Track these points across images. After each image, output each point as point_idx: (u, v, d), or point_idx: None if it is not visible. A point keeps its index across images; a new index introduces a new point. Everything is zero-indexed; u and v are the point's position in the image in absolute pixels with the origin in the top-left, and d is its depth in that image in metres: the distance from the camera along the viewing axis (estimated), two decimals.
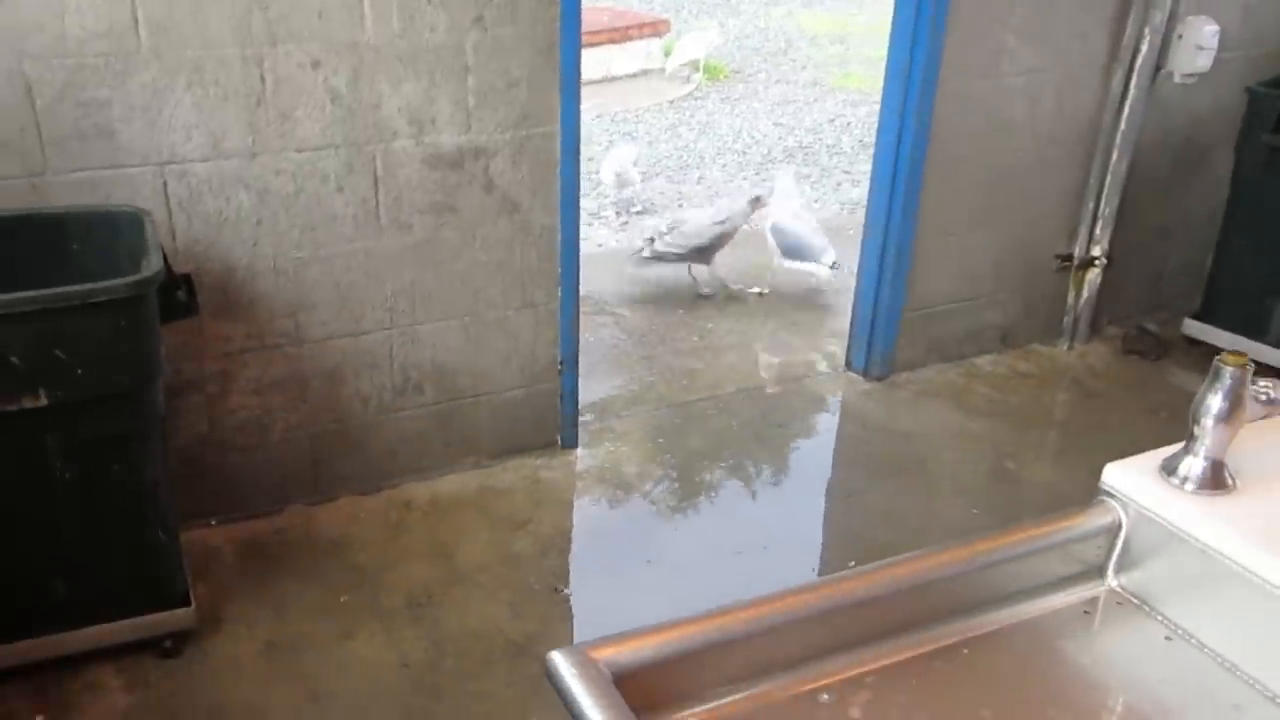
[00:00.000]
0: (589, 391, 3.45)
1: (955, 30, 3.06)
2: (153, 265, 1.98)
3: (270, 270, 2.55)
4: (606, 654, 0.87)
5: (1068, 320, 3.78)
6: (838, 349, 3.77)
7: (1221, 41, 3.35)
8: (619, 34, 7.66)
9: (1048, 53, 3.23)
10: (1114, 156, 3.46)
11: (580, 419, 3.26)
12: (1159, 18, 3.25)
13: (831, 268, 4.15)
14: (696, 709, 0.92)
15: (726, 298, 4.29)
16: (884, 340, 3.54)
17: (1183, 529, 1.04)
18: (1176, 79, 3.37)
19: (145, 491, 2.13)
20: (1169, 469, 1.08)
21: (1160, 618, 1.08)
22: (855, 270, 3.59)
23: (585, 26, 7.56)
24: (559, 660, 0.85)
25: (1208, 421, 1.04)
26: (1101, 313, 3.83)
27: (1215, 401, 1.03)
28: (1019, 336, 3.78)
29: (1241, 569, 0.99)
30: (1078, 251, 3.65)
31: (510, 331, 2.92)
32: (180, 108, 2.27)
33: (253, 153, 2.38)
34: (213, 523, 2.76)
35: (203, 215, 2.40)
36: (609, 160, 5.37)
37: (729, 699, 0.93)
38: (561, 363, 3.03)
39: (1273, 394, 1.05)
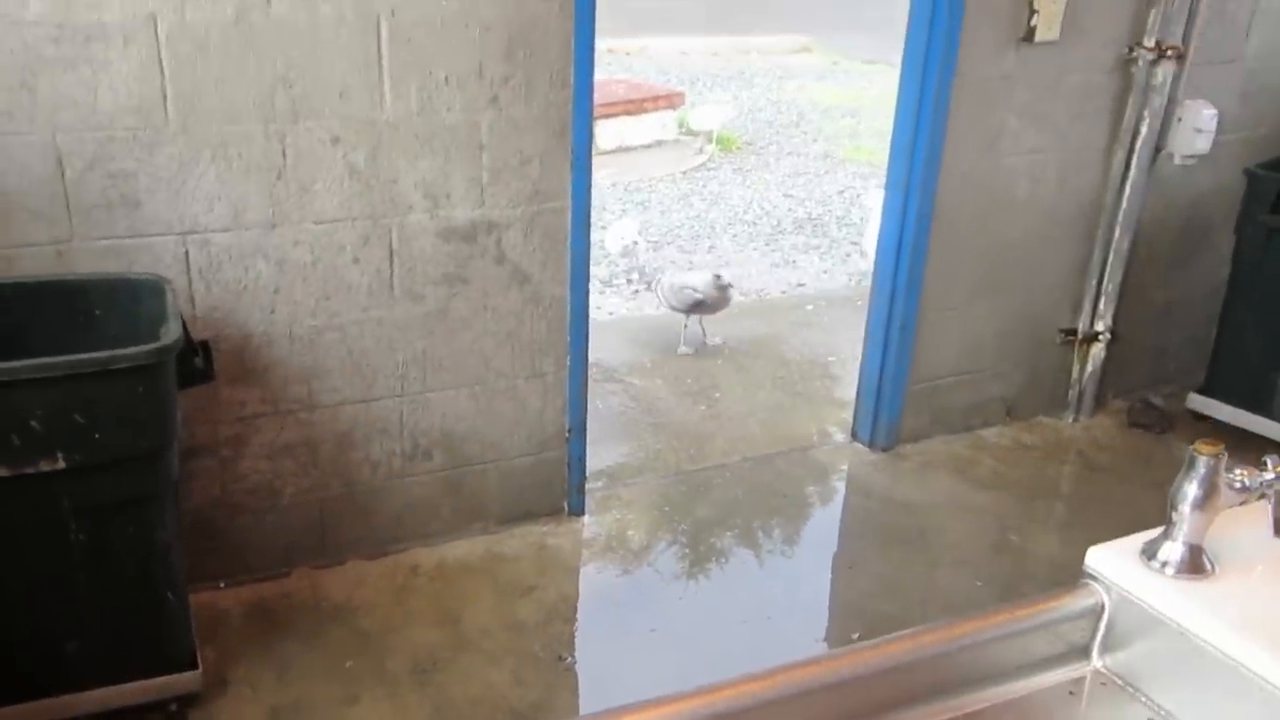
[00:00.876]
0: (597, 459, 3.49)
1: (958, 110, 3.14)
2: (172, 333, 2.04)
3: (286, 338, 2.61)
4: None
5: (1072, 393, 3.81)
6: (844, 419, 3.80)
7: (1220, 124, 3.43)
8: (634, 105, 7.83)
9: (1049, 134, 3.31)
10: (1116, 234, 3.52)
11: (588, 486, 3.29)
12: (1158, 101, 3.33)
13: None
14: None
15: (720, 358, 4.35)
16: (889, 411, 3.58)
17: (1163, 613, 1.07)
18: (1176, 160, 3.44)
19: (157, 554, 2.17)
20: (1149, 553, 1.11)
21: (1144, 699, 1.10)
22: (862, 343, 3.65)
23: (602, 98, 7.75)
24: None
25: (1185, 508, 1.07)
26: (1106, 386, 3.86)
27: (1191, 489, 1.07)
28: (1024, 409, 3.81)
29: (1220, 653, 1.02)
30: (1082, 326, 3.69)
31: (519, 400, 2.97)
32: (204, 180, 2.35)
33: (272, 224, 2.46)
34: (221, 585, 2.79)
35: (222, 283, 2.47)
36: (614, 231, 5.47)
37: None
38: (569, 431, 3.07)
39: (1247, 482, 1.08)
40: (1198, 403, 3.80)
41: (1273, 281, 3.48)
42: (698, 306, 4.36)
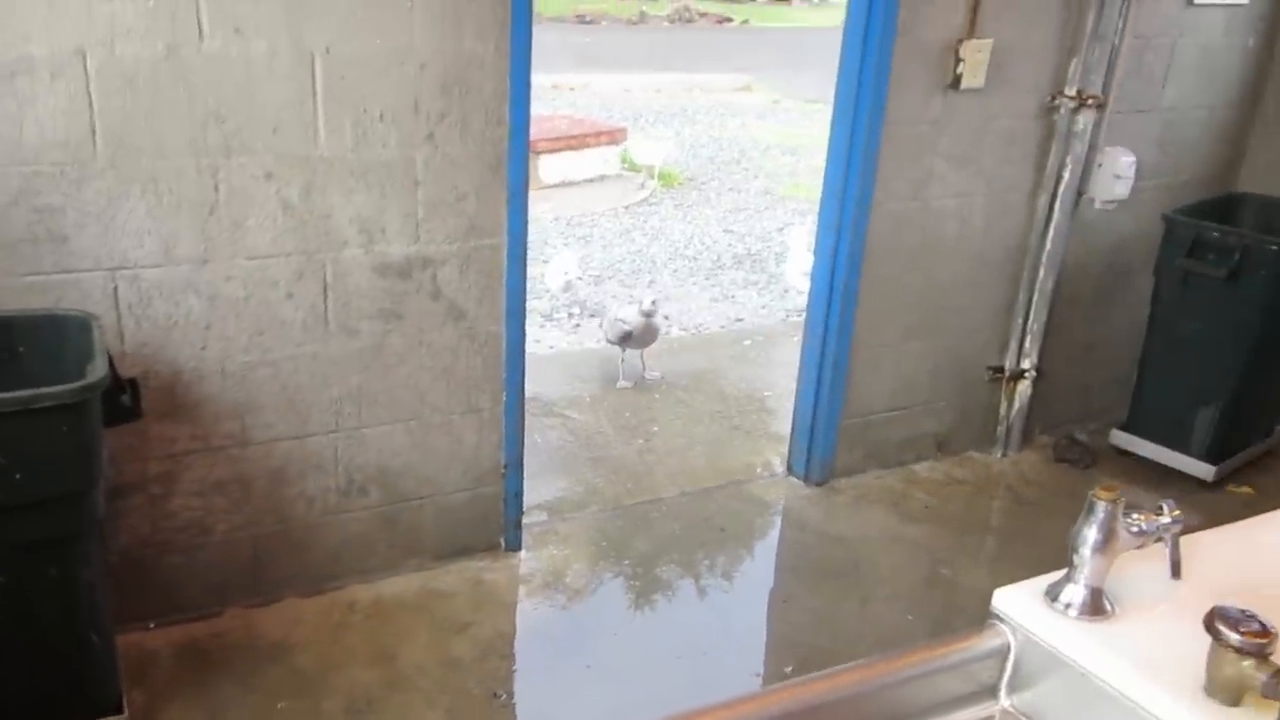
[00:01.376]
0: (535, 493, 3.49)
1: (888, 154, 3.22)
2: (98, 370, 2.02)
3: (218, 373, 2.59)
4: None
5: (1001, 429, 3.89)
6: (780, 453, 3.85)
7: (1139, 171, 3.55)
8: (577, 141, 7.90)
9: (975, 178, 3.40)
10: (1041, 275, 3.62)
11: (525, 521, 3.30)
12: (1080, 148, 3.45)
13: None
14: None
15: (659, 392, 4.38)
16: (823, 447, 3.63)
17: (1065, 653, 1.11)
18: (1097, 205, 3.55)
19: (81, 595, 2.13)
20: (1053, 595, 1.15)
21: None
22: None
23: (545, 133, 7.80)
24: None
25: (1085, 551, 1.11)
26: (1034, 422, 3.95)
27: (1091, 533, 1.11)
28: (954, 444, 3.88)
29: (1118, 694, 1.06)
30: (1009, 364, 3.78)
31: (455, 435, 2.97)
32: (134, 215, 2.34)
33: (204, 259, 2.44)
34: (151, 626, 2.74)
35: (152, 319, 2.45)
36: (554, 266, 5.49)
37: None
38: (505, 466, 3.08)
39: (1144, 526, 1.13)
40: (1120, 439, 3.90)
41: (1188, 323, 3.60)
42: (626, 339, 4.40)
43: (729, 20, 19.77)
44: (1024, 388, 3.81)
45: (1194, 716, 1.00)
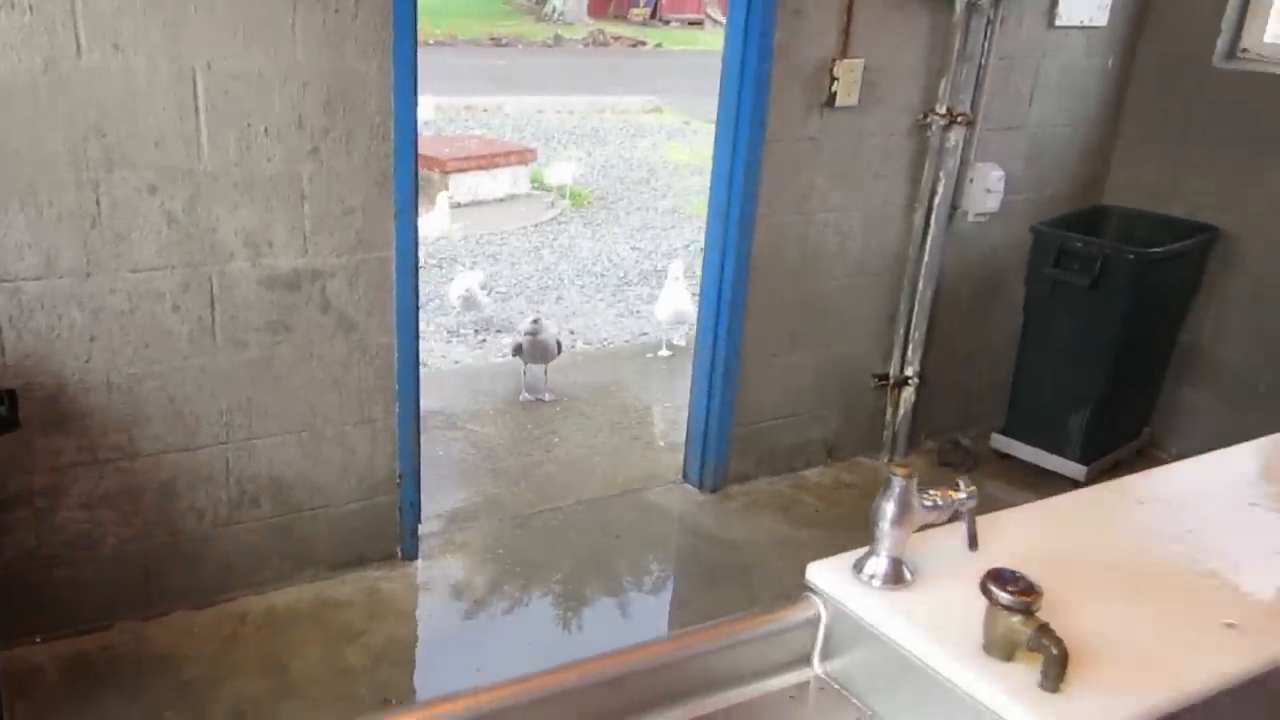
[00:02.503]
0: (435, 504, 3.54)
1: (769, 170, 3.35)
2: None
3: (103, 385, 2.60)
4: None
5: (887, 435, 4.05)
6: (677, 462, 3.94)
7: (1009, 185, 3.74)
8: (487, 160, 7.96)
9: (853, 192, 3.56)
10: (920, 285, 3.78)
11: (423, 531, 3.34)
12: (951, 163, 3.62)
13: None
14: None
15: (563, 405, 4.46)
16: (716, 454, 3.73)
17: (868, 622, 1.21)
18: (970, 218, 3.73)
19: None
20: (859, 567, 1.25)
21: (856, 701, 1.24)
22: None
23: (455, 153, 7.81)
24: None
25: (884, 525, 1.22)
26: (919, 428, 4.11)
27: (889, 507, 1.22)
28: (843, 450, 4.03)
29: (911, 655, 1.16)
30: (893, 371, 3.94)
31: (348, 446, 3.00)
32: (13, 228, 2.35)
33: (87, 272, 2.46)
34: (37, 640, 2.73)
35: (34, 331, 2.46)
36: (456, 283, 5.51)
37: None
38: (400, 476, 3.12)
39: (939, 501, 1.24)
40: (1000, 443, 4.09)
41: (1058, 330, 3.80)
42: (517, 351, 4.49)
43: (642, 44, 20.00)
44: (908, 394, 3.97)
45: (972, 673, 1.11)
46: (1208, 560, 1.32)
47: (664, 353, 5.07)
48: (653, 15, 23.65)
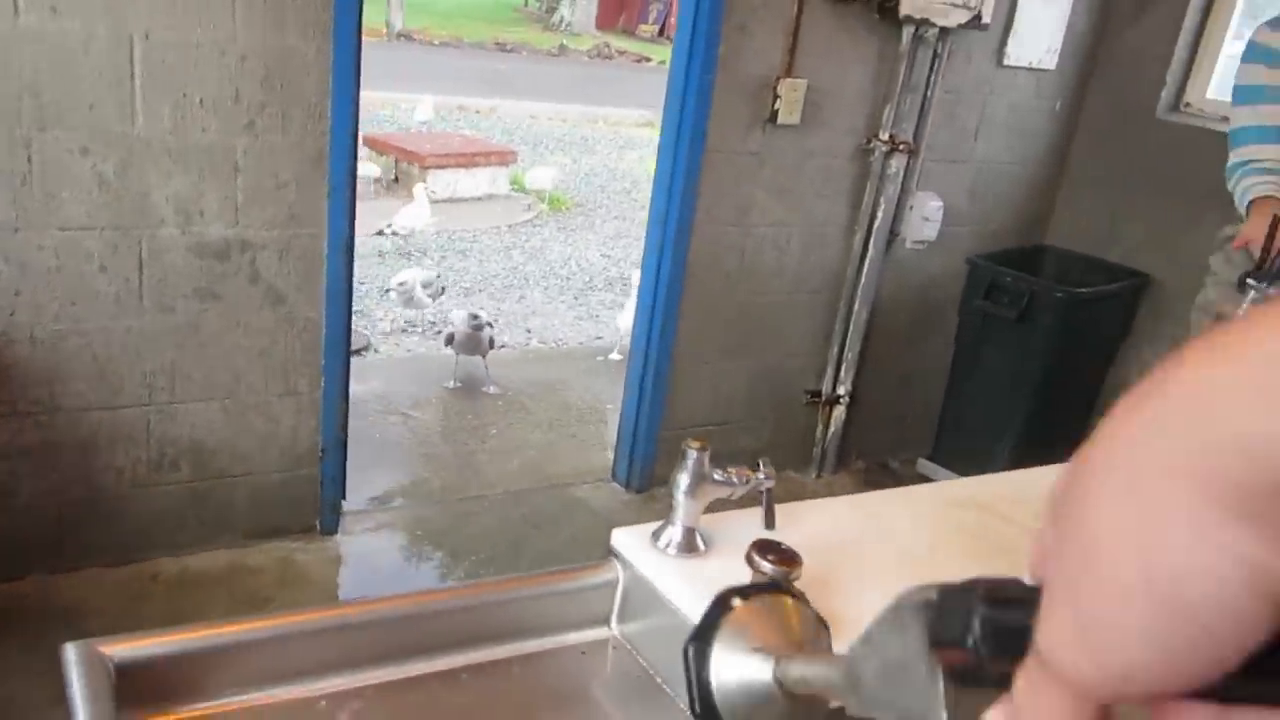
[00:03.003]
0: (364, 484, 3.61)
1: (709, 181, 3.43)
2: None
3: (27, 339, 2.66)
4: (116, 649, 1.05)
5: (817, 451, 4.12)
6: (607, 461, 4.01)
7: (949, 216, 3.83)
8: (466, 159, 8.05)
9: (794, 209, 3.64)
10: (856, 306, 3.86)
11: (346, 508, 3.40)
12: (892, 190, 3.71)
13: None
14: (200, 706, 1.10)
15: (505, 400, 4.52)
16: (644, 456, 3.80)
17: (658, 586, 1.28)
18: (908, 244, 3.82)
19: None
20: (656, 536, 1.32)
21: (644, 662, 1.31)
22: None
23: (436, 149, 7.86)
24: (70, 651, 1.03)
25: (679, 495, 1.29)
26: (850, 447, 4.19)
27: (683, 478, 1.29)
28: (773, 462, 4.05)
29: (689, 621, 1.23)
30: (825, 389, 4.02)
31: (271, 416, 3.07)
32: None
33: (15, 227, 2.52)
34: None
35: None
36: (396, 277, 5.32)
37: (233, 700, 1.11)
38: (323, 450, 3.18)
39: (734, 478, 1.31)
40: (927, 468, 4.17)
41: (987, 361, 3.88)
42: (449, 341, 4.55)
43: (647, 60, 20.16)
44: (839, 413, 4.05)
45: None
46: (993, 559, 1.39)
47: (615, 356, 5.14)
48: (660, 32, 23.82)
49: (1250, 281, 2.32)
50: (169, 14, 2.51)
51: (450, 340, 4.56)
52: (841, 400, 4.02)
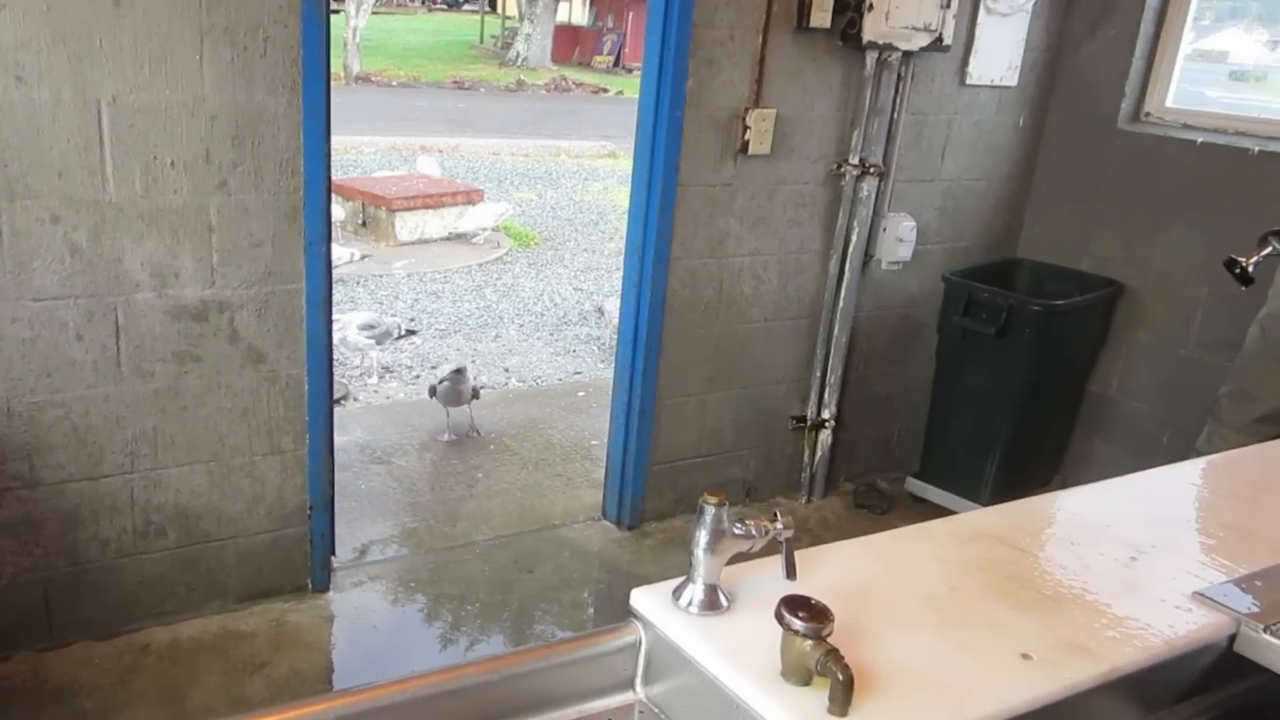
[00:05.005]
0: (352, 536, 3.56)
1: (684, 213, 3.43)
2: None
3: (4, 413, 2.61)
4: None
5: (805, 476, 4.11)
6: (598, 499, 3.98)
7: (922, 235, 3.86)
8: (433, 200, 8.04)
9: (769, 237, 3.65)
10: (835, 330, 3.87)
11: (336, 563, 3.36)
12: (864, 212, 3.73)
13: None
14: None
15: (491, 441, 4.48)
16: (633, 491, 3.78)
17: (683, 647, 1.25)
18: (884, 265, 3.83)
19: None
20: (677, 595, 1.30)
21: None
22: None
23: (402, 192, 7.87)
24: None
25: (698, 552, 1.27)
26: (838, 469, 4.19)
27: (702, 535, 1.27)
28: (762, 490, 4.08)
29: (716, 681, 1.20)
30: (810, 414, 4.01)
31: (257, 477, 3.02)
32: None
33: None
34: None
35: None
36: (343, 321, 5.12)
37: None
38: (311, 508, 3.14)
39: (753, 530, 1.29)
40: (915, 486, 4.17)
41: (969, 376, 3.89)
42: (433, 393, 4.50)
43: (604, 91, 20.27)
44: (825, 437, 4.05)
45: (768, 698, 1.15)
46: (1016, 594, 1.38)
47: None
48: (616, 63, 23.99)
49: None
50: (136, 77, 2.48)
51: (433, 392, 4.52)
52: (827, 424, 4.02)
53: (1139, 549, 1.56)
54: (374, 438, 4.49)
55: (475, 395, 4.60)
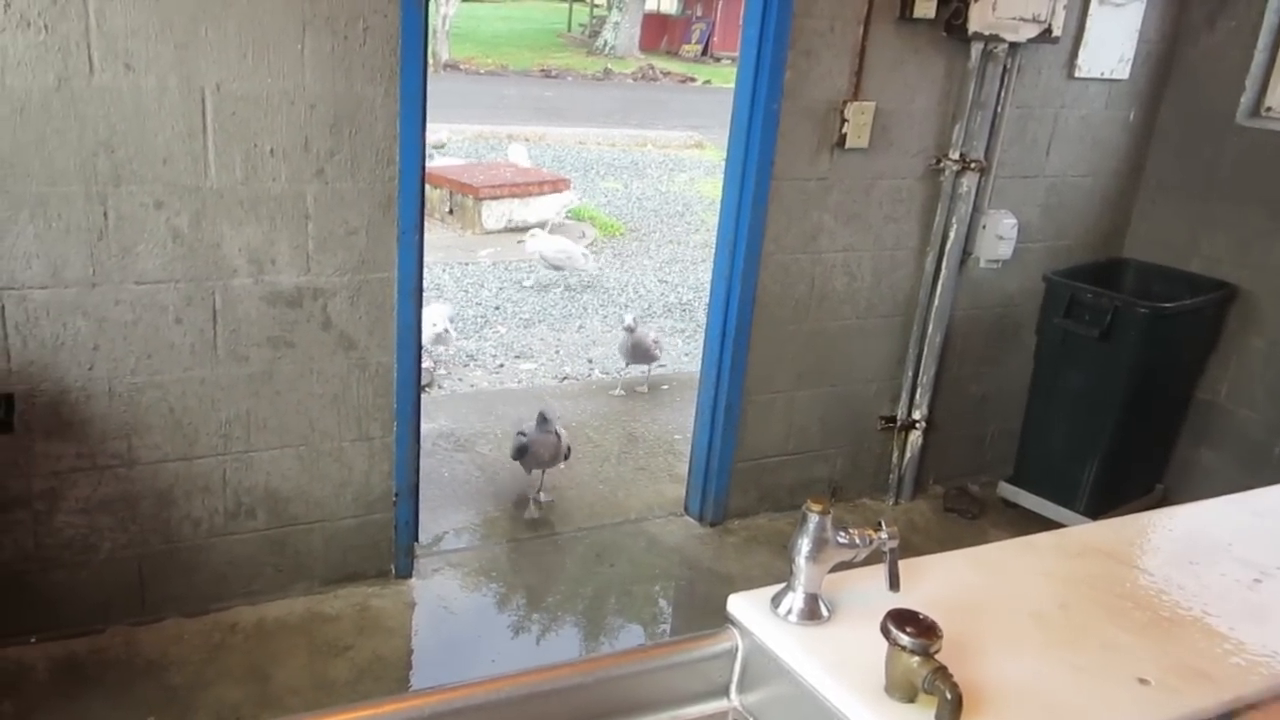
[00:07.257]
0: (435, 523, 3.58)
1: (777, 208, 3.37)
2: None
3: (105, 394, 2.66)
4: None
5: (893, 477, 4.02)
6: (680, 494, 3.95)
7: (1023, 233, 3.73)
8: (521, 189, 8.07)
9: (863, 233, 3.56)
10: (930, 329, 3.77)
11: (420, 549, 3.38)
12: (964, 209, 3.62)
13: None
14: None
15: (571, 438, 4.46)
16: (717, 488, 3.73)
17: (780, 656, 1.21)
18: (982, 264, 3.72)
19: None
20: (776, 602, 1.26)
21: None
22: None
23: (489, 180, 7.91)
24: None
25: (800, 560, 1.23)
26: (927, 472, 4.08)
27: (804, 543, 1.22)
28: (848, 490, 4.00)
29: (817, 693, 1.16)
30: (900, 414, 3.92)
31: (345, 462, 3.05)
32: (22, 238, 2.43)
33: (93, 283, 2.53)
34: (32, 640, 2.79)
35: (39, 339, 2.53)
36: (425, 315, 4.90)
37: None
38: (396, 495, 3.16)
39: (857, 539, 1.24)
40: (1008, 491, 4.04)
41: (1069, 380, 3.76)
42: (521, 453, 3.72)
43: (691, 80, 20.18)
44: (915, 438, 3.95)
45: (871, 714, 1.11)
46: (1132, 615, 1.30)
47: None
48: (704, 52, 23.87)
49: None
50: (239, 65, 2.51)
51: (521, 453, 3.71)
52: (917, 425, 3.92)
53: (1264, 570, 1.47)
54: (458, 425, 4.51)
55: (567, 456, 3.83)
